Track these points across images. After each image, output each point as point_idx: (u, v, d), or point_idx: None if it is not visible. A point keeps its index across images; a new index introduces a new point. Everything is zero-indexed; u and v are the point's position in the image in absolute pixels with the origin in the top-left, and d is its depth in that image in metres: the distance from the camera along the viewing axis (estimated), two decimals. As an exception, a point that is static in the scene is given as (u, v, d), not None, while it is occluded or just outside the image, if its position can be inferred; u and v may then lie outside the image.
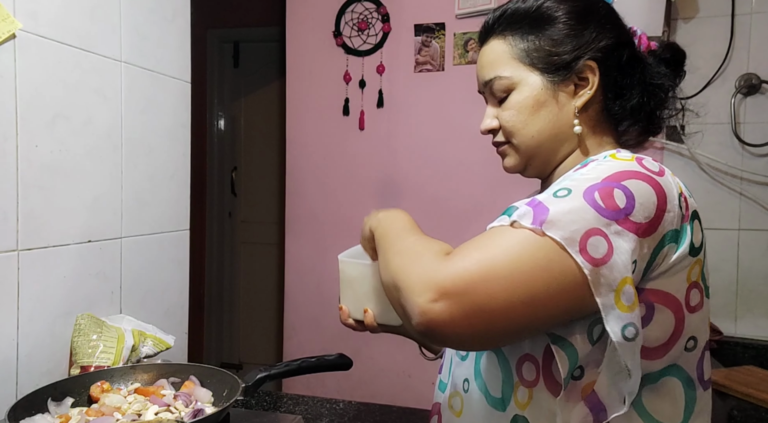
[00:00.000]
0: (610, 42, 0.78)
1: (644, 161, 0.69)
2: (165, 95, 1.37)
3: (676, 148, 1.91)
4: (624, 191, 0.63)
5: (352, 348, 2.29)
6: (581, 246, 0.60)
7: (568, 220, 0.61)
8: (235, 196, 3.59)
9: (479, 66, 0.84)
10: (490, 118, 0.83)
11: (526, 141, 0.80)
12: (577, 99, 0.78)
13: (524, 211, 0.64)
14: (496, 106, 0.83)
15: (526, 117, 0.79)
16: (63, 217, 1.09)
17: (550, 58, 0.78)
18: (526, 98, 0.79)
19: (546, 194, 0.66)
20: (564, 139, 0.80)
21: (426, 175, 2.21)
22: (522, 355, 0.72)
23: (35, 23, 1.02)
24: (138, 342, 1.13)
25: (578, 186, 0.65)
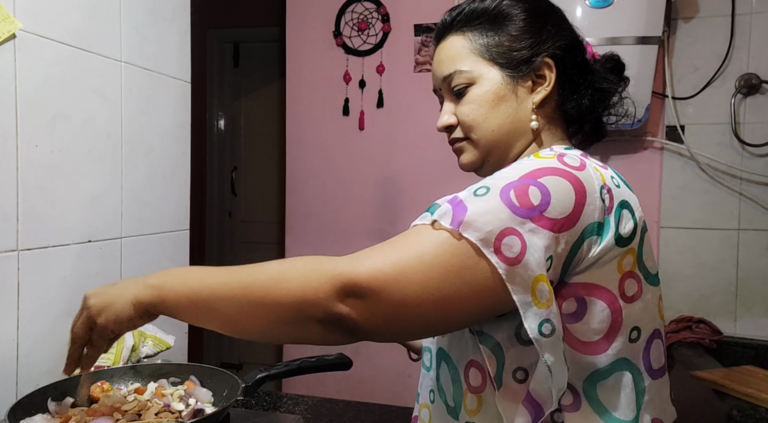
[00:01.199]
0: (566, 42, 0.81)
1: (565, 158, 0.70)
2: (165, 95, 1.37)
3: (676, 148, 1.91)
4: (540, 188, 0.65)
5: (352, 348, 2.29)
6: (496, 246, 0.62)
7: (484, 220, 0.63)
8: (235, 196, 3.59)
9: (437, 62, 0.84)
10: (448, 114, 0.84)
11: (486, 135, 0.81)
12: (535, 95, 0.80)
13: (445, 210, 0.65)
14: (453, 102, 0.83)
15: (486, 111, 0.80)
16: (63, 217, 1.09)
17: (510, 53, 0.79)
18: (486, 92, 0.79)
19: (467, 192, 0.68)
20: (521, 134, 0.81)
21: (426, 175, 2.21)
22: (468, 362, 0.73)
23: (35, 23, 1.02)
24: (138, 342, 1.13)
25: (496, 184, 0.66)
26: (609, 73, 0.83)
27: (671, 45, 1.89)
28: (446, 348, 0.77)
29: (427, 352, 0.84)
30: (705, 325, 1.78)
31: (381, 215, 2.27)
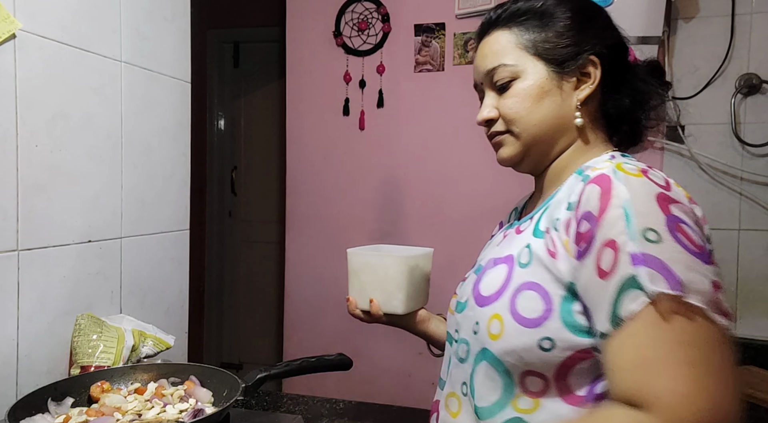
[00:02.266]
0: (611, 42, 0.82)
1: (650, 175, 0.70)
2: (165, 95, 1.37)
3: (676, 148, 1.91)
4: (685, 223, 0.65)
5: (352, 348, 2.29)
6: (718, 307, 0.61)
7: (693, 279, 0.61)
8: (235, 196, 3.59)
9: (480, 56, 0.85)
10: (489, 107, 0.84)
11: (528, 128, 0.81)
12: (579, 92, 0.80)
13: (649, 275, 0.61)
14: (495, 95, 0.83)
15: (530, 104, 0.80)
16: (63, 217, 1.09)
17: (556, 49, 0.79)
18: (531, 86, 0.79)
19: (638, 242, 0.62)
20: (564, 130, 0.81)
21: (426, 174, 2.21)
22: (527, 370, 0.73)
23: (35, 23, 1.02)
24: (138, 342, 1.13)
25: (657, 223, 0.63)
26: (649, 75, 0.85)
27: (671, 45, 1.89)
28: (498, 353, 0.74)
29: (462, 345, 0.83)
30: (705, 325, 1.78)
31: (381, 215, 2.27)
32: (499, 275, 0.79)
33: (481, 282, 0.82)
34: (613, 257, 0.64)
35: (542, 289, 0.72)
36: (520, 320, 0.72)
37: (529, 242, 0.77)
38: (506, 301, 0.75)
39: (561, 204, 0.75)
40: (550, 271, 0.72)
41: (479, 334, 0.77)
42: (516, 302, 0.73)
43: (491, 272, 0.81)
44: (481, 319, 0.77)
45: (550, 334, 0.70)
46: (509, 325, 0.73)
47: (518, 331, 0.72)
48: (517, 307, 0.73)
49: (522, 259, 0.77)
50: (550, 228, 0.75)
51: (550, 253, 0.73)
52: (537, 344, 0.70)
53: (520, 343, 0.71)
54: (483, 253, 0.95)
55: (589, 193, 0.69)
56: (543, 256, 0.73)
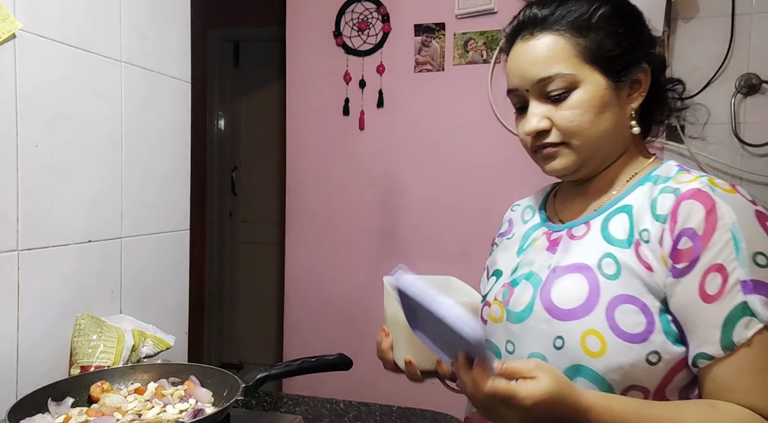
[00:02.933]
0: (656, 49, 0.82)
1: (739, 188, 0.72)
2: (165, 95, 1.37)
3: (676, 148, 1.91)
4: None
5: (352, 348, 2.29)
6: None
7: None
8: (236, 196, 3.59)
9: (527, 62, 0.79)
10: (538, 117, 0.79)
11: (590, 142, 0.78)
12: (632, 101, 0.79)
13: (761, 302, 0.65)
14: (545, 105, 0.79)
15: (592, 117, 0.76)
16: (63, 217, 1.09)
17: (615, 58, 0.77)
18: (592, 98, 0.76)
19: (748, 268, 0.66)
20: (621, 140, 0.81)
21: (426, 174, 2.21)
22: (629, 386, 0.72)
23: (35, 23, 1.02)
24: (138, 342, 1.13)
25: (764, 247, 0.66)
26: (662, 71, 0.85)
27: (671, 45, 1.89)
28: (601, 370, 0.72)
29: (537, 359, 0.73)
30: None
31: (381, 215, 2.27)
32: (579, 287, 0.75)
33: (553, 293, 0.77)
34: (722, 283, 0.66)
35: (640, 302, 0.71)
36: (623, 336, 0.71)
37: (610, 251, 0.75)
38: (601, 315, 0.72)
39: (644, 214, 0.75)
40: (646, 284, 0.71)
41: (567, 350, 0.74)
42: (615, 317, 0.71)
43: (563, 282, 0.77)
44: (567, 334, 0.74)
45: (655, 347, 0.70)
46: (612, 342, 0.71)
47: (624, 347, 0.70)
48: (617, 323, 0.71)
49: (607, 270, 0.74)
50: (639, 240, 0.74)
51: (646, 266, 0.72)
52: (645, 359, 0.70)
53: (627, 359, 0.70)
54: (523, 256, 0.88)
55: (690, 209, 0.69)
56: (637, 268, 0.72)
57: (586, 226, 0.81)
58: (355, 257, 2.29)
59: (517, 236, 0.94)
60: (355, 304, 2.28)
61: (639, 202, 0.76)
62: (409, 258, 2.22)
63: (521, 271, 0.86)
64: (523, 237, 0.92)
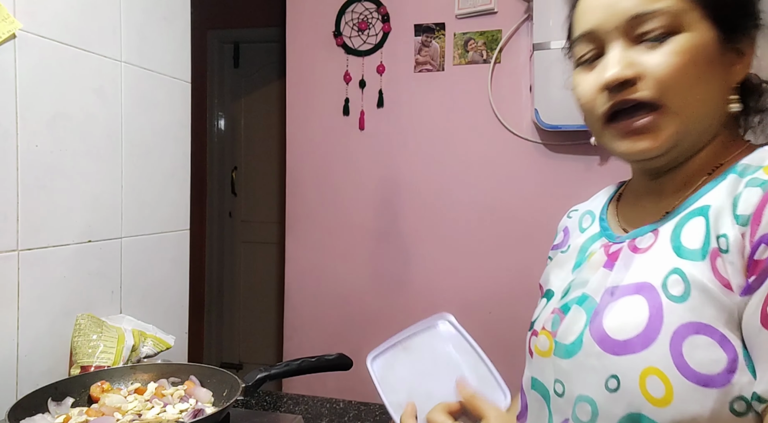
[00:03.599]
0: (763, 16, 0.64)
1: None
2: (165, 95, 1.37)
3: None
4: None
5: (352, 348, 2.29)
6: None
7: None
8: (235, 196, 3.60)
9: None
10: (623, 63, 0.60)
11: (691, 104, 0.60)
12: (735, 73, 0.63)
13: None
14: (632, 51, 0.61)
15: (697, 70, 0.59)
16: (63, 217, 1.09)
17: (734, 9, 0.61)
18: (699, 47, 0.59)
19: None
20: (718, 117, 0.63)
21: (426, 175, 2.21)
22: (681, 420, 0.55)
23: (35, 23, 1.02)
24: (138, 342, 1.13)
25: None
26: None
27: (671, 45, 1.89)
28: (666, 421, 0.55)
29: (584, 404, 0.62)
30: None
31: (381, 215, 2.27)
32: (636, 312, 0.59)
33: (606, 319, 0.61)
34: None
35: (716, 332, 0.54)
36: (695, 378, 0.53)
37: (679, 266, 0.58)
38: (665, 349, 0.55)
39: (723, 216, 0.57)
40: (724, 308, 0.54)
41: (623, 393, 0.57)
42: (683, 352, 0.54)
43: (619, 306, 0.61)
44: (623, 373, 0.57)
45: (742, 391, 0.53)
46: (680, 385, 0.54)
47: (696, 393, 0.53)
48: (686, 360, 0.54)
49: (673, 291, 0.57)
50: (717, 249, 0.56)
51: (724, 284, 0.55)
52: (729, 408, 0.53)
53: (703, 409, 0.53)
54: (578, 274, 0.72)
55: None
56: (712, 286, 0.55)
57: (653, 235, 0.63)
58: (355, 257, 2.29)
59: (573, 249, 0.77)
60: (355, 304, 2.28)
61: (719, 200, 0.58)
62: (409, 258, 2.22)
63: (574, 293, 0.69)
64: (580, 250, 0.75)
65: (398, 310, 2.20)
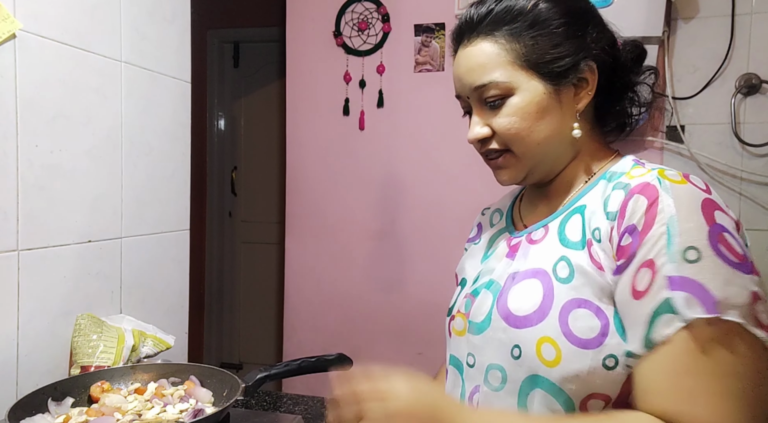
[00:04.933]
0: (607, 42, 0.77)
1: (692, 179, 0.67)
2: (165, 95, 1.37)
3: (676, 148, 1.91)
4: (727, 231, 0.63)
5: (352, 348, 2.29)
6: (756, 319, 0.60)
7: (731, 293, 0.59)
8: (235, 196, 3.60)
9: (464, 69, 0.77)
10: (480, 125, 0.78)
11: (531, 149, 0.76)
12: (578, 101, 0.76)
13: (685, 300, 0.60)
14: (484, 112, 0.77)
15: (530, 124, 0.74)
16: (63, 217, 1.09)
17: (553, 62, 0.73)
18: (529, 104, 0.74)
19: (677, 263, 0.61)
20: (567, 144, 0.77)
21: (426, 175, 2.21)
22: (589, 394, 0.68)
23: (35, 23, 1.02)
24: (138, 342, 1.13)
25: (698, 240, 0.61)
26: (635, 63, 0.81)
27: (671, 45, 1.89)
28: (558, 380, 0.68)
29: (495, 371, 0.75)
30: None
31: (381, 215, 2.27)
32: (534, 292, 0.73)
33: (509, 299, 0.75)
34: (650, 278, 0.62)
35: (593, 305, 0.68)
36: (577, 342, 0.67)
37: (565, 254, 0.72)
38: (554, 321, 0.69)
39: (596, 213, 0.72)
40: (599, 286, 0.68)
41: (524, 359, 0.71)
42: (568, 322, 0.68)
43: (519, 288, 0.75)
44: (523, 343, 0.71)
45: (612, 351, 0.66)
46: (566, 349, 0.67)
47: (578, 354, 0.67)
48: (571, 328, 0.68)
49: (561, 274, 0.71)
50: (591, 239, 0.71)
51: (598, 267, 0.69)
52: (602, 364, 0.66)
53: (582, 366, 0.67)
54: (486, 264, 0.86)
55: (635, 204, 0.66)
56: (589, 269, 0.69)
57: (544, 230, 0.78)
58: (355, 257, 2.29)
59: (483, 242, 0.93)
60: (355, 304, 2.28)
61: (593, 201, 0.74)
62: (409, 258, 2.22)
63: (482, 279, 0.83)
64: (488, 243, 0.90)
65: (398, 310, 2.21)
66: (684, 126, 1.89)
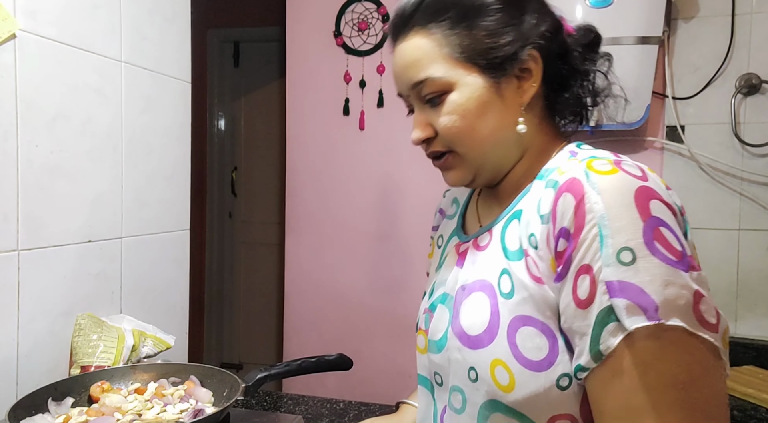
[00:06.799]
0: (549, 27, 0.70)
1: (624, 165, 0.61)
2: (165, 95, 1.37)
3: (676, 148, 1.91)
4: (664, 224, 0.57)
5: (352, 348, 2.29)
6: (700, 319, 0.56)
7: (671, 295, 0.55)
8: (235, 196, 3.60)
9: (401, 66, 0.72)
10: (422, 125, 0.72)
11: (475, 148, 0.70)
12: (522, 94, 0.70)
13: (626, 307, 0.55)
14: (425, 111, 0.72)
15: (470, 121, 0.69)
16: (63, 217, 1.09)
17: (490, 52, 0.68)
18: (468, 100, 0.68)
19: (613, 267, 0.56)
20: (513, 141, 0.71)
21: (426, 175, 2.21)
22: (553, 416, 0.63)
23: (35, 23, 1.02)
24: (138, 342, 1.13)
25: (632, 240, 0.56)
26: (588, 50, 0.74)
27: (671, 45, 1.89)
28: (515, 405, 0.64)
29: (456, 393, 0.71)
30: (705, 325, 1.78)
31: (381, 215, 2.27)
32: (481, 309, 0.68)
33: (461, 317, 0.70)
34: (590, 286, 0.57)
35: (537, 322, 0.63)
36: (528, 365, 0.62)
37: (506, 267, 0.67)
38: (503, 342, 0.64)
39: (532, 217, 0.66)
40: (541, 299, 0.63)
41: (480, 383, 0.67)
42: (517, 343, 0.63)
43: (469, 304, 0.70)
44: (478, 365, 0.66)
45: (564, 370, 0.62)
46: (519, 373, 0.63)
47: (531, 376, 0.62)
48: (520, 350, 0.63)
49: (504, 289, 0.66)
50: (528, 248, 0.65)
51: (535, 279, 0.63)
52: (556, 385, 0.62)
53: (537, 388, 0.62)
54: (439, 274, 0.82)
55: (564, 204, 0.60)
56: (528, 283, 0.64)
57: (489, 235, 0.73)
58: (355, 257, 2.29)
59: (444, 242, 0.88)
60: (355, 304, 2.28)
61: (529, 204, 0.68)
62: (409, 258, 2.22)
63: (437, 292, 0.79)
64: (441, 250, 0.86)
65: (398, 310, 2.21)
66: (684, 126, 1.89)
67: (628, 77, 1.78)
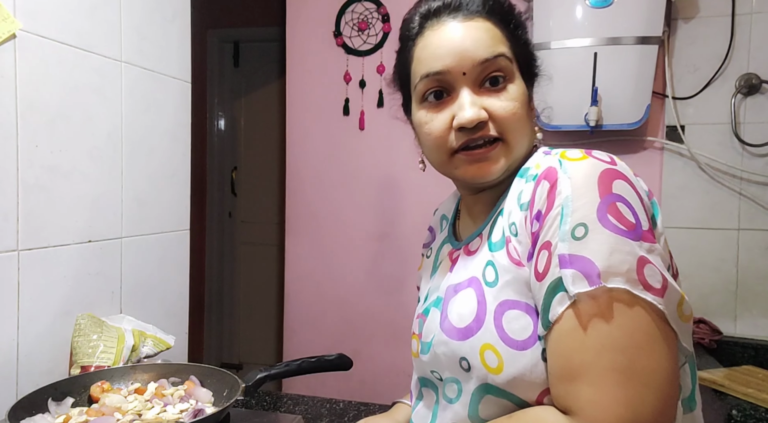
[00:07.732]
0: None
1: (594, 153, 0.66)
2: (165, 95, 1.37)
3: (676, 148, 1.91)
4: (622, 200, 0.61)
5: (352, 348, 2.29)
6: (643, 282, 0.57)
7: (615, 261, 0.57)
8: (235, 196, 3.60)
9: (472, 40, 0.71)
10: (478, 107, 0.70)
11: (522, 140, 0.73)
12: (533, 108, 0.78)
13: (572, 276, 0.59)
14: (479, 94, 0.72)
15: (525, 113, 0.73)
16: (63, 217, 1.09)
17: (532, 63, 0.77)
18: (523, 94, 0.74)
19: (567, 242, 0.60)
20: (531, 144, 0.78)
21: (426, 175, 2.21)
22: (542, 391, 0.65)
23: (35, 23, 1.02)
24: (138, 342, 1.13)
25: (586, 216, 0.60)
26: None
27: (671, 45, 1.89)
28: (505, 386, 0.66)
29: (451, 384, 0.74)
30: (705, 324, 1.78)
31: (381, 215, 2.27)
32: (468, 301, 0.71)
33: (450, 313, 0.73)
34: (547, 260, 0.62)
35: (521, 303, 0.66)
36: (514, 345, 0.65)
37: (490, 258, 0.71)
38: (491, 326, 0.67)
39: (513, 208, 0.70)
40: (522, 281, 0.66)
41: (473, 371, 0.69)
42: (503, 326, 0.66)
43: (457, 301, 0.73)
44: (468, 354, 0.69)
45: None
46: (506, 353, 0.65)
47: (518, 356, 0.65)
48: (507, 332, 0.66)
49: (488, 278, 0.70)
50: (509, 236, 0.69)
51: (515, 262, 0.67)
52: (541, 358, 0.64)
53: (524, 367, 0.64)
54: (433, 280, 0.86)
55: (541, 190, 0.65)
56: (509, 267, 0.68)
57: (480, 239, 0.76)
58: (355, 257, 2.29)
59: (432, 256, 0.93)
60: (355, 305, 2.28)
61: (511, 199, 0.72)
62: (409, 258, 2.22)
63: (431, 297, 0.83)
64: (435, 258, 0.90)
65: (398, 310, 2.21)
66: (684, 126, 1.89)
67: (628, 77, 1.78)
